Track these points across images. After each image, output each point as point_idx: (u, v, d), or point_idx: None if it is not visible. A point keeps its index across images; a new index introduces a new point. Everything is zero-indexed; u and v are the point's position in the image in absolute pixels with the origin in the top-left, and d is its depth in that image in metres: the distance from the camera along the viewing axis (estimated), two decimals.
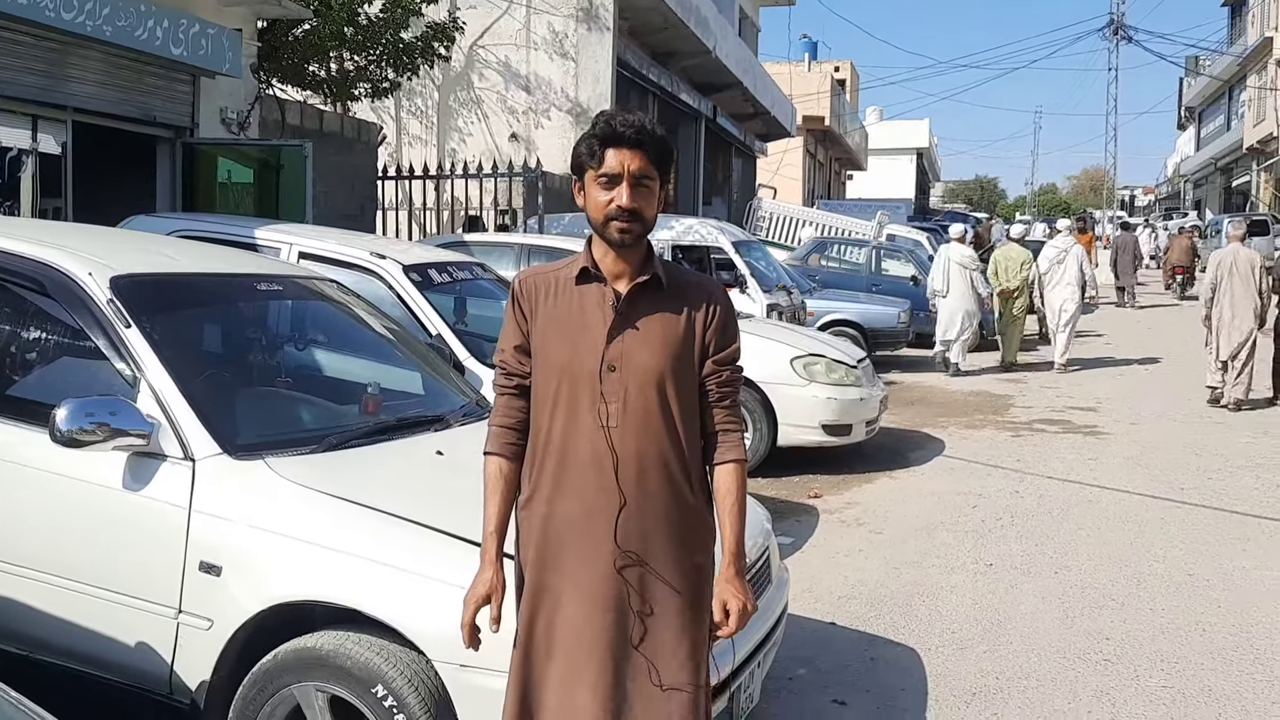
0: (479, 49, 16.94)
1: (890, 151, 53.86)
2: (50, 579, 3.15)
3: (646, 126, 2.31)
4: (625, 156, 2.28)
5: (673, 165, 2.42)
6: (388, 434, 3.58)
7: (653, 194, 2.33)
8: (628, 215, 2.29)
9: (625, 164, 2.28)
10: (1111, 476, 7.75)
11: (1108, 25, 43.22)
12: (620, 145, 2.29)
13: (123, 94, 8.25)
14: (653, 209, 2.33)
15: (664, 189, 2.37)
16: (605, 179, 2.30)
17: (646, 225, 2.33)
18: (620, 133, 2.28)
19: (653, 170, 2.32)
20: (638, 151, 2.29)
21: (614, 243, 2.32)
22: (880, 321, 13.31)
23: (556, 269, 2.44)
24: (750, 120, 27.42)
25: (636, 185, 2.30)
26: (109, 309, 3.27)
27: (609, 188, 2.30)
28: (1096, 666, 4.40)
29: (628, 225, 2.30)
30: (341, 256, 5.77)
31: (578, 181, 2.37)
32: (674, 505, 2.36)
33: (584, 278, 2.37)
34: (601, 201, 2.30)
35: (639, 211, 2.30)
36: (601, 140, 2.30)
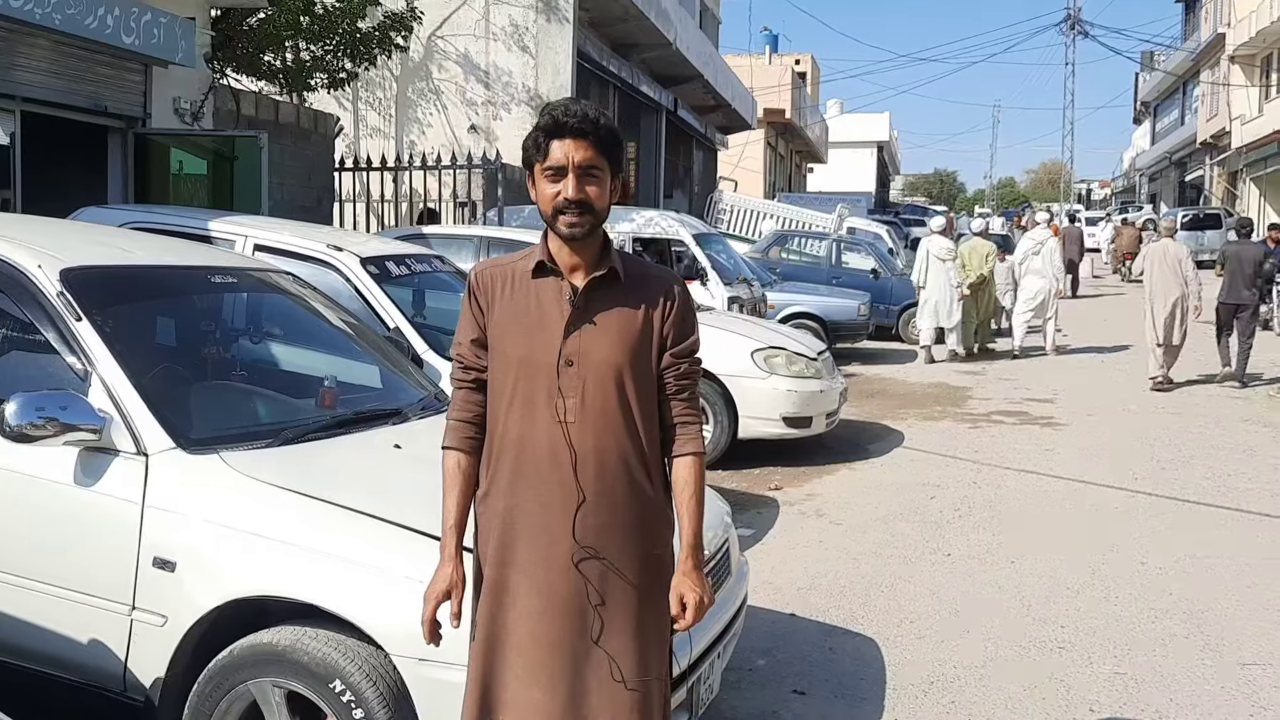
0: (437, 40, 16.81)
1: (850, 145, 54.16)
2: (0, 576, 3.09)
3: (590, 115, 2.27)
4: (570, 147, 2.25)
5: (624, 154, 2.38)
6: (345, 428, 3.55)
7: (602, 184, 2.30)
8: (576, 207, 2.26)
9: (570, 155, 2.25)
10: (1067, 467, 7.86)
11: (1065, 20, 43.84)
12: (564, 136, 2.25)
13: (73, 83, 8.10)
14: (603, 199, 2.30)
15: (616, 179, 2.34)
16: (551, 172, 2.27)
17: (597, 216, 2.30)
18: (564, 123, 2.25)
19: (600, 160, 2.28)
20: (582, 141, 2.25)
21: (564, 236, 2.29)
22: (840, 314, 13.40)
23: (513, 261, 2.41)
24: (711, 113, 27.46)
25: (583, 176, 2.26)
26: (59, 301, 3.22)
27: (556, 180, 2.27)
28: (1051, 653, 4.47)
29: (576, 218, 2.27)
30: (298, 249, 5.70)
31: (530, 176, 2.34)
32: (633, 500, 2.35)
33: (540, 271, 2.34)
34: (549, 194, 2.27)
35: (587, 202, 2.27)
36: (546, 132, 2.27)
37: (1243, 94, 36.11)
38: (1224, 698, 4.07)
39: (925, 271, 13.54)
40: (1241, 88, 36.13)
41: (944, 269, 13.46)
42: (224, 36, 10.35)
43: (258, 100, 11.20)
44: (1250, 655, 4.46)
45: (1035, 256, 14.13)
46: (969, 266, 13.89)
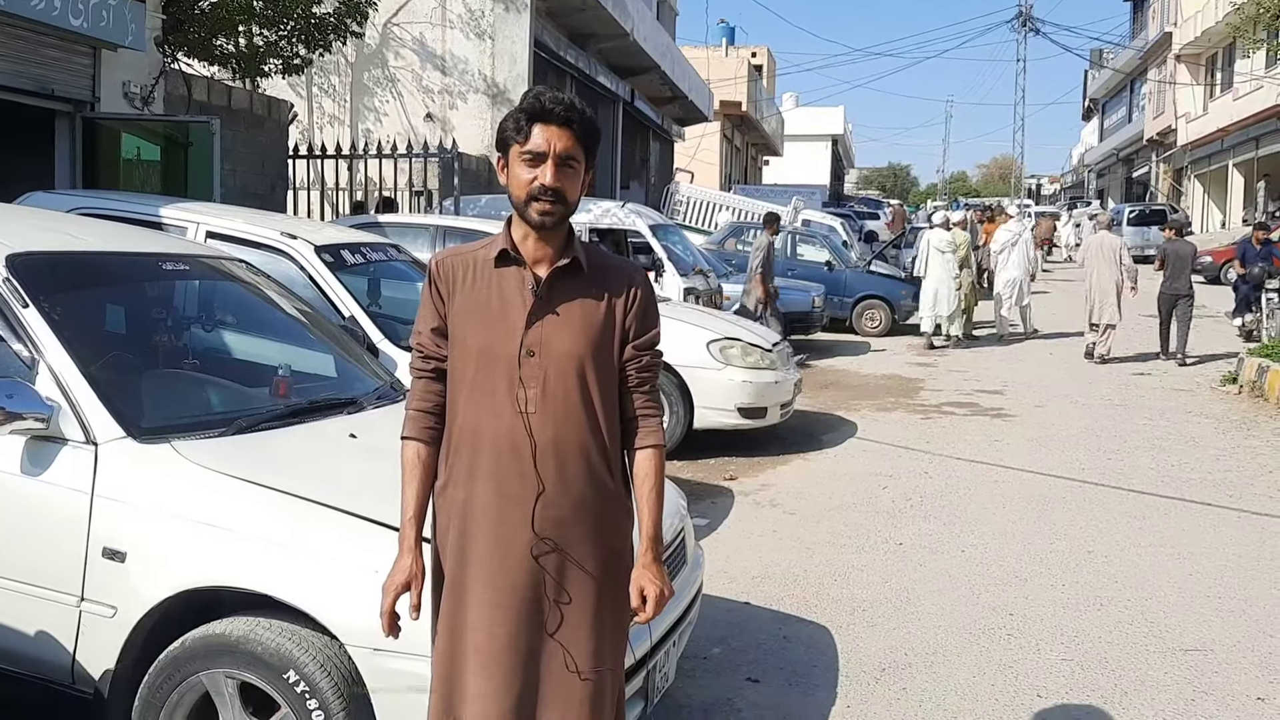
0: (394, 27, 16.66)
1: (806, 138, 54.46)
2: None
3: (575, 106, 2.27)
4: (552, 134, 2.24)
5: (598, 149, 2.37)
6: (299, 417, 3.52)
7: (577, 175, 2.29)
8: (551, 195, 2.25)
9: (552, 142, 2.24)
10: (1016, 457, 7.98)
11: (1016, 17, 44.27)
12: (548, 122, 2.24)
13: (17, 65, 7.92)
14: (576, 191, 2.30)
15: (589, 172, 2.33)
16: (530, 156, 2.25)
17: (569, 207, 2.29)
18: (549, 109, 2.24)
19: (579, 151, 2.27)
20: (565, 130, 2.25)
21: (534, 224, 2.28)
22: (795, 306, 13.48)
23: (474, 250, 2.39)
24: (668, 104, 27.48)
25: (562, 165, 2.25)
26: (4, 288, 3.16)
27: (533, 165, 2.25)
28: (1000, 641, 4.55)
29: (550, 206, 2.26)
30: (251, 236, 5.63)
31: (501, 158, 2.32)
32: (592, 492, 2.34)
33: (503, 260, 2.33)
34: (525, 179, 2.26)
35: (562, 192, 2.26)
36: (530, 115, 2.25)
37: (1188, 92, 36.80)
38: (1167, 682, 4.17)
39: (926, 263, 14.35)
40: (1187, 86, 36.82)
41: (943, 260, 14.23)
42: (175, 20, 10.16)
43: (210, 85, 11.03)
44: (1192, 641, 4.57)
45: (1013, 248, 15.25)
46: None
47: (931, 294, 14.28)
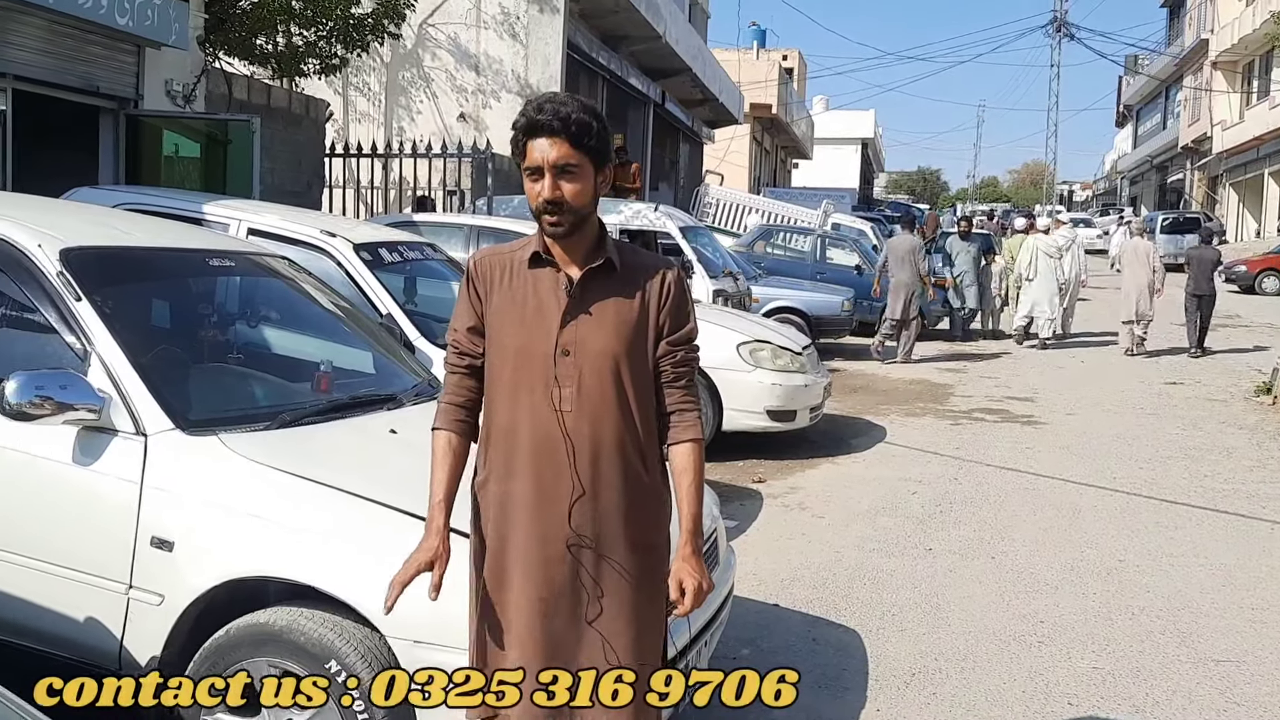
0: (429, 27, 16.78)
1: (835, 141, 54.31)
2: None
3: (563, 112, 2.26)
4: (544, 147, 2.26)
5: (608, 144, 2.34)
6: (341, 412, 3.58)
7: (581, 180, 2.29)
8: (553, 207, 2.27)
9: (545, 155, 2.26)
10: (1047, 465, 7.95)
11: (1051, 22, 44.07)
12: (539, 135, 2.26)
13: (65, 63, 8.06)
14: (583, 196, 2.29)
15: (602, 170, 2.33)
16: (530, 172, 2.28)
17: (577, 214, 2.30)
18: (538, 121, 2.26)
19: (577, 155, 2.27)
20: (556, 139, 2.25)
21: (547, 234, 2.32)
22: (824, 309, 13.47)
23: (511, 250, 2.43)
24: (698, 106, 27.49)
25: (560, 175, 2.27)
26: (59, 281, 3.23)
27: (536, 180, 2.28)
28: (1031, 648, 4.55)
29: (556, 218, 2.28)
30: (291, 233, 5.71)
31: None
32: (629, 488, 2.38)
33: (536, 262, 2.36)
34: (532, 194, 2.29)
35: (563, 202, 2.27)
36: (523, 132, 2.28)
37: (1224, 100, 36.44)
38: (1198, 693, 4.16)
39: (1035, 265, 14.88)
40: (1223, 93, 36.46)
41: (1050, 265, 14.91)
42: (217, 19, 10.31)
43: (249, 84, 11.16)
44: (1224, 652, 4.55)
45: (1066, 254, 15.59)
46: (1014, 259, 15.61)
47: (1032, 296, 14.92)
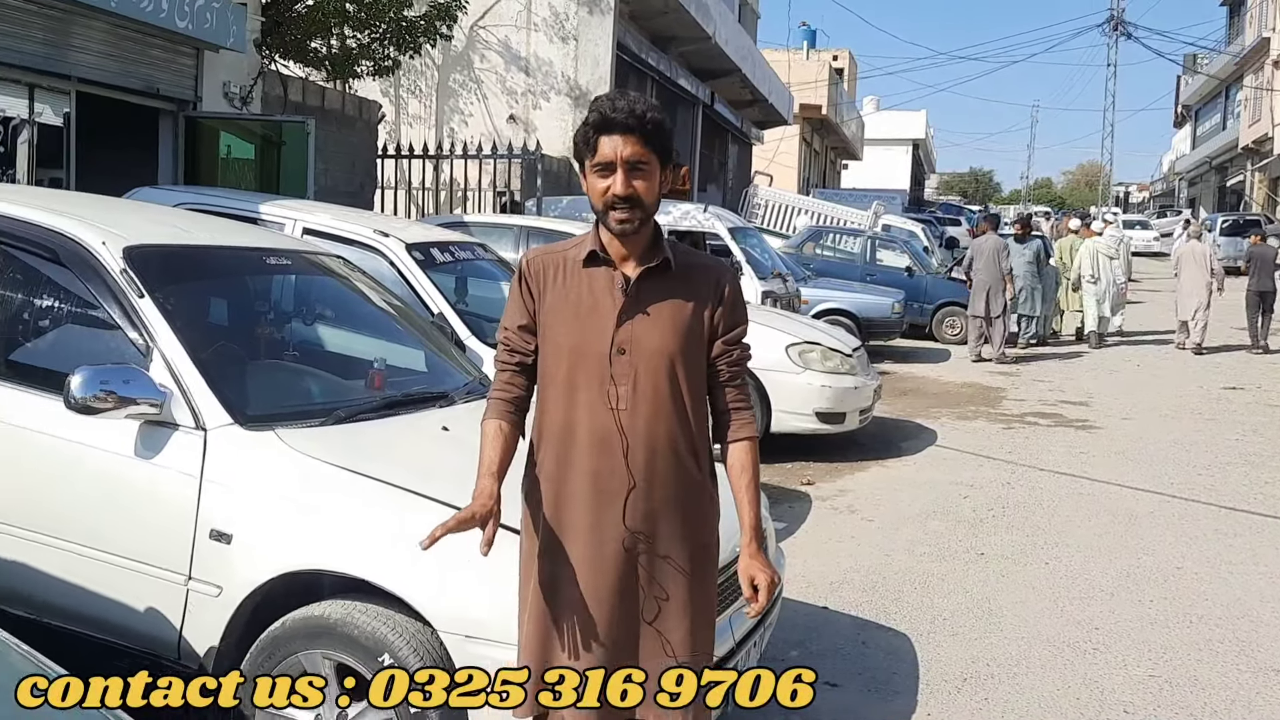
0: (480, 29, 16.89)
1: (886, 142, 53.88)
2: (62, 544, 3.18)
3: (637, 110, 2.28)
4: (618, 143, 2.27)
5: (672, 144, 2.39)
6: (394, 409, 3.62)
7: (650, 178, 2.31)
8: (625, 203, 2.28)
9: (618, 150, 2.27)
10: (1102, 470, 7.83)
11: (1107, 21, 43.36)
12: (612, 131, 2.28)
13: (126, 65, 8.23)
14: (652, 193, 2.32)
15: (666, 169, 2.35)
16: (600, 167, 2.29)
17: (646, 210, 2.32)
18: (612, 119, 2.27)
19: (648, 154, 2.30)
20: (630, 136, 2.27)
21: (614, 230, 2.32)
22: (874, 311, 13.38)
23: (564, 249, 2.44)
24: (748, 107, 27.41)
25: (631, 171, 2.28)
26: (122, 279, 3.29)
27: (605, 175, 2.29)
28: (1085, 655, 4.48)
29: (626, 214, 2.29)
30: (345, 233, 5.79)
31: (581, 170, 2.37)
32: (682, 486, 2.39)
33: (592, 260, 2.38)
34: (599, 190, 2.30)
35: (635, 198, 2.29)
36: (595, 128, 2.29)
37: None
38: (1259, 703, 4.07)
39: (1097, 266, 15.22)
40: None
41: (1110, 265, 15.34)
42: (273, 22, 10.47)
43: (304, 86, 11.32)
44: None
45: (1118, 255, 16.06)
46: (1067, 262, 15.87)
47: (1095, 295, 15.21)
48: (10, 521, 3.24)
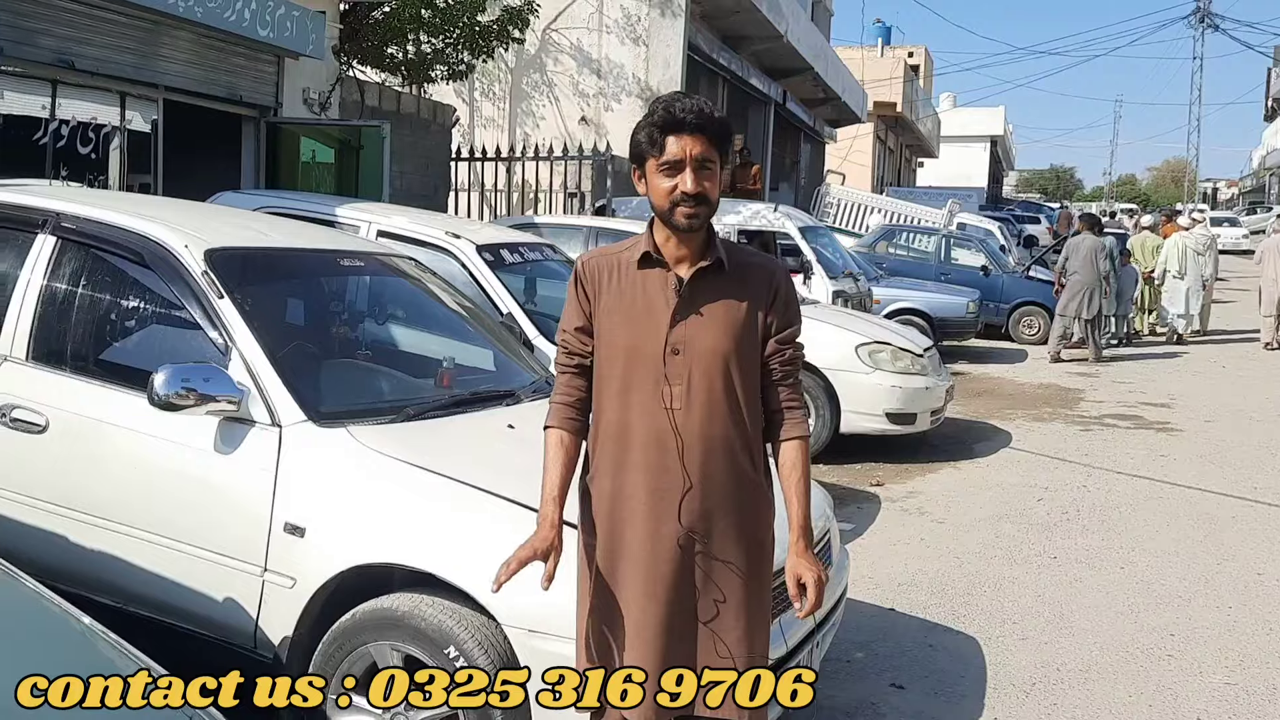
0: (552, 33, 17.04)
1: (963, 139, 53.01)
2: (146, 536, 3.31)
3: (705, 110, 2.32)
4: (687, 142, 2.31)
5: (732, 145, 2.44)
6: (462, 407, 3.69)
7: (715, 176, 2.35)
8: (693, 200, 2.31)
9: (688, 150, 2.30)
10: (1183, 474, 7.63)
11: (1193, 13, 42.10)
12: (681, 131, 2.31)
13: (211, 73, 8.50)
14: (716, 192, 2.36)
15: (724, 169, 2.39)
16: (668, 166, 2.32)
17: (712, 208, 2.36)
18: (681, 119, 2.30)
19: (714, 153, 2.33)
20: (699, 136, 2.31)
21: (680, 228, 2.34)
22: (948, 311, 13.20)
23: (618, 251, 2.48)
24: (820, 106, 27.20)
25: (700, 169, 2.32)
26: (203, 280, 3.42)
27: (672, 174, 2.32)
28: (1159, 661, 4.39)
29: (694, 210, 2.32)
30: (418, 235, 5.91)
31: (637, 170, 2.40)
32: (737, 485, 2.41)
33: (646, 262, 2.41)
34: (665, 188, 2.33)
35: (704, 195, 2.32)
36: (662, 128, 2.32)
37: None
38: None
39: (1183, 262, 15.13)
40: None
41: (1198, 262, 15.28)
42: (351, 29, 10.71)
43: (381, 91, 11.55)
44: None
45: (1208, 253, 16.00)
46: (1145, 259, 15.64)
47: (1184, 292, 15.17)
48: (99, 513, 3.38)
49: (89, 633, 2.17)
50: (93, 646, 2.16)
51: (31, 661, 1.96)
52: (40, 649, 2.08)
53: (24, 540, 3.45)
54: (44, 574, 3.36)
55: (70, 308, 3.65)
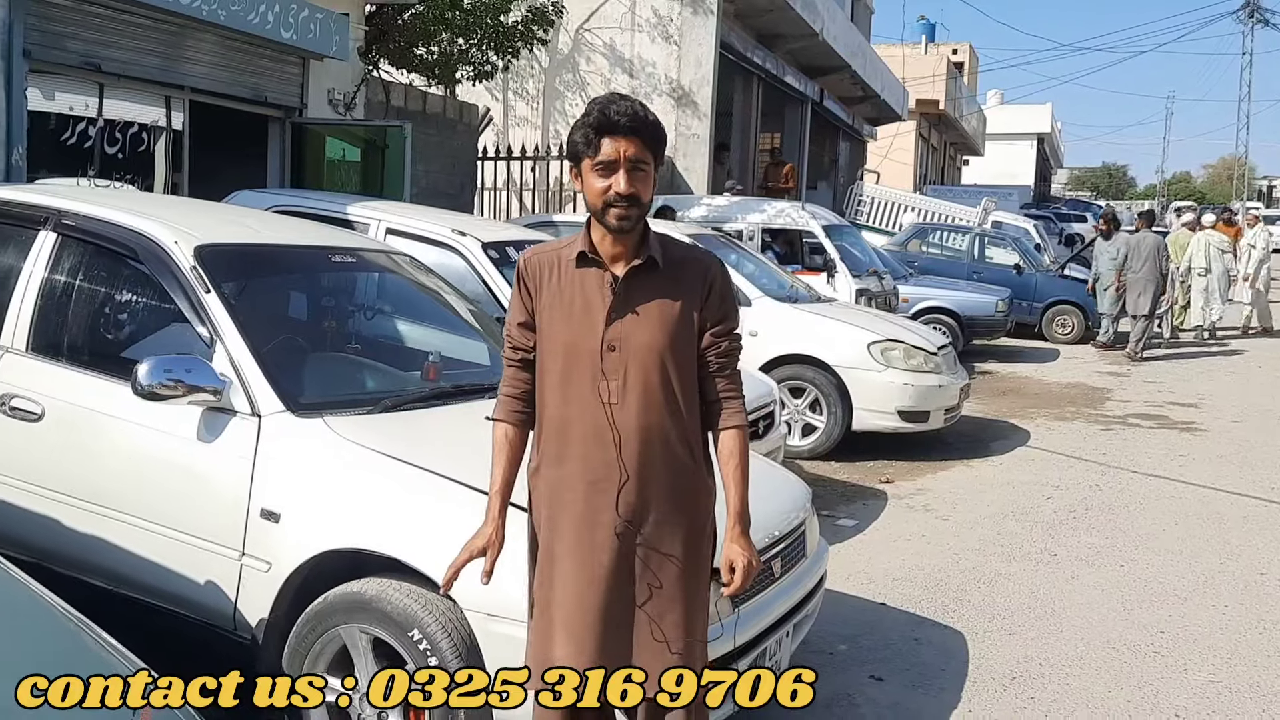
0: (585, 32, 17.15)
1: (1009, 136, 52.33)
2: (134, 521, 3.44)
3: (639, 113, 2.39)
4: (621, 144, 2.36)
5: (664, 149, 2.49)
6: (443, 399, 3.78)
7: (648, 178, 2.41)
8: (625, 201, 2.37)
9: (621, 151, 2.36)
10: (1199, 473, 7.55)
11: (1242, 8, 41.22)
12: (615, 134, 2.36)
13: (236, 75, 8.69)
14: (649, 193, 2.42)
15: (657, 172, 2.45)
16: (602, 166, 2.38)
17: (643, 209, 2.41)
18: (615, 121, 2.36)
19: (647, 155, 2.39)
20: (633, 139, 2.37)
21: (612, 228, 2.40)
22: (977, 310, 13.11)
23: (558, 248, 2.54)
24: (859, 104, 27.03)
25: (633, 170, 2.37)
26: (191, 275, 3.54)
27: (606, 175, 2.38)
28: (1145, 658, 4.38)
29: (626, 210, 2.38)
30: (425, 233, 6.03)
31: (574, 169, 2.46)
32: (674, 476, 2.47)
33: (583, 260, 2.47)
34: (599, 188, 2.39)
35: (636, 196, 2.38)
36: (597, 129, 2.38)
37: None
38: None
39: (1208, 258, 15.28)
40: None
41: (1224, 260, 15.45)
42: (378, 30, 10.88)
43: (406, 91, 11.71)
44: None
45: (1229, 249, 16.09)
46: (1175, 258, 15.42)
47: (1205, 289, 15.40)
48: (90, 499, 3.51)
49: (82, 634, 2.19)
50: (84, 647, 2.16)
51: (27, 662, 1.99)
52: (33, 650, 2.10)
53: (20, 524, 3.60)
54: (39, 556, 3.54)
55: (68, 301, 3.80)
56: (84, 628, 2.22)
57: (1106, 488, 7.15)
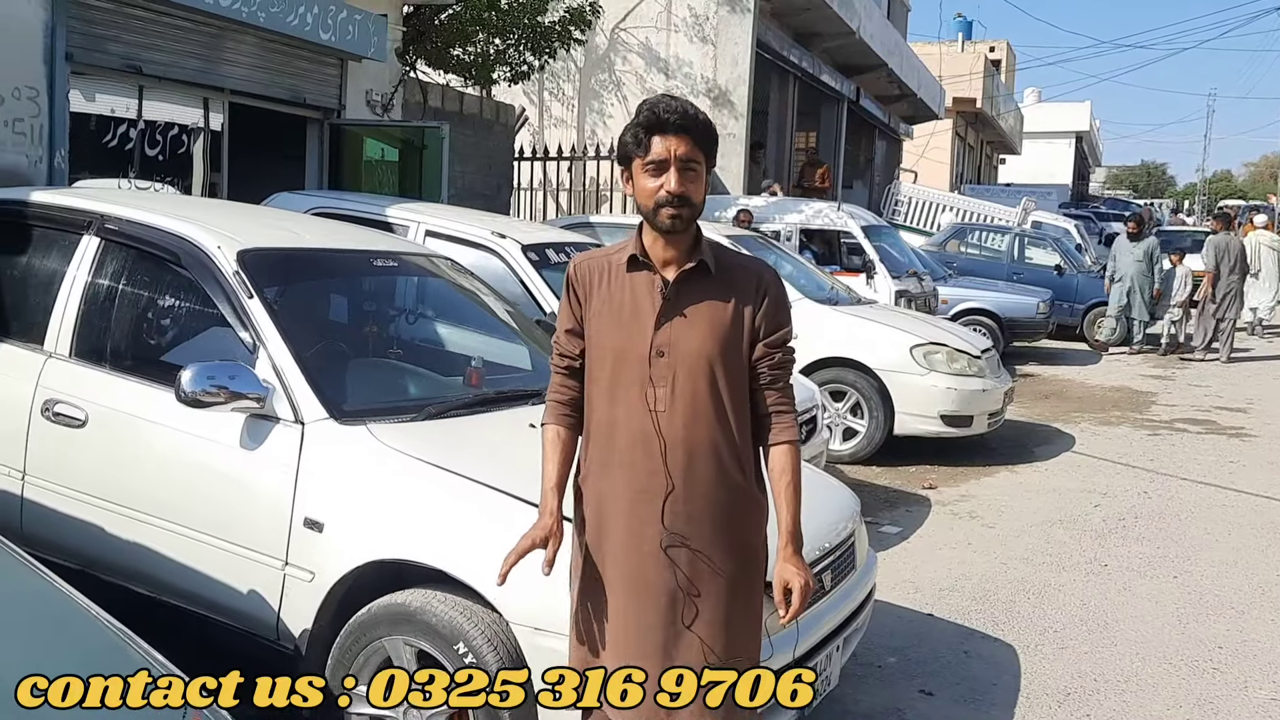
0: (620, 32, 17.09)
1: (1047, 135, 51.73)
2: (176, 528, 3.41)
3: (690, 112, 2.33)
4: (671, 143, 2.31)
5: (717, 149, 2.42)
6: (487, 405, 3.73)
7: (700, 178, 2.35)
8: (676, 200, 2.31)
9: (672, 150, 2.31)
10: (1251, 481, 7.38)
11: None
12: (666, 132, 2.31)
13: (275, 76, 8.70)
14: (700, 193, 2.36)
15: (710, 173, 2.39)
16: (653, 166, 2.32)
17: (695, 209, 2.35)
18: (665, 119, 2.31)
19: (699, 154, 2.33)
20: (683, 137, 2.31)
21: (664, 229, 2.35)
22: (1018, 311, 12.93)
23: (609, 254, 2.49)
24: (895, 102, 26.80)
25: (684, 170, 2.32)
26: (234, 280, 3.51)
27: (656, 174, 2.33)
28: (1204, 674, 4.25)
29: (677, 210, 2.32)
30: (464, 235, 5.99)
31: (625, 171, 2.41)
32: (722, 489, 2.39)
33: (634, 265, 2.41)
34: (650, 188, 2.33)
35: (687, 196, 2.32)
36: (647, 128, 2.32)
37: None
38: None
39: (1258, 259, 15.35)
40: None
41: (1273, 258, 15.65)
42: (415, 32, 10.87)
43: (444, 92, 11.71)
44: None
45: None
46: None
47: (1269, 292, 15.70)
48: (133, 506, 3.49)
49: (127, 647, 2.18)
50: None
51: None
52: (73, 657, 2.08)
53: (65, 530, 3.59)
54: (84, 563, 3.53)
55: (111, 306, 3.78)
56: (127, 640, 2.19)
57: (1155, 495, 6.99)
